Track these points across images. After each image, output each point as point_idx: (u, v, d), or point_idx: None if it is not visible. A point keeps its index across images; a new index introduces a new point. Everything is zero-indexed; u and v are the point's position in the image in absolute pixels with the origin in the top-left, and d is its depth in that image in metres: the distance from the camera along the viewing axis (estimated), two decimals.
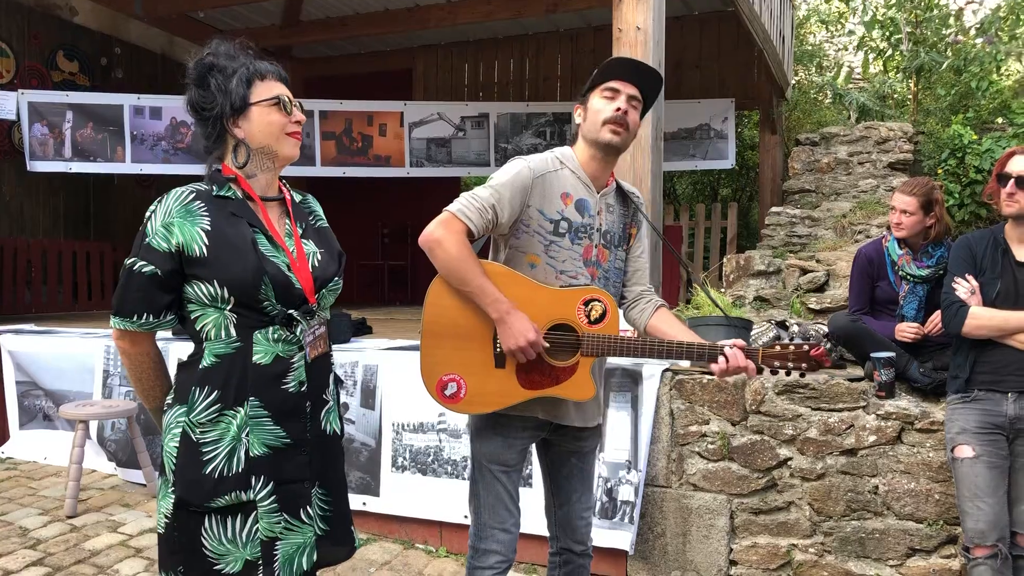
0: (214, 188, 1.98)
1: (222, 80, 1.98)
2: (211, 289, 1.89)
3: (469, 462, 2.59)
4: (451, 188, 11.07)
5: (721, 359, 2.31)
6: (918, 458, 3.57)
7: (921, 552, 3.57)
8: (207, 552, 1.90)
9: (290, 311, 1.96)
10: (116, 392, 5.24)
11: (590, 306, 2.40)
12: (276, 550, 1.94)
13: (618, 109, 2.43)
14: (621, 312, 2.57)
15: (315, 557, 2.03)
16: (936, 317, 3.64)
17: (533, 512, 2.77)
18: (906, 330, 3.76)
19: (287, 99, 2.03)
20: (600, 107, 2.45)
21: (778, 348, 2.34)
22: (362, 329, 5.74)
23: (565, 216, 2.45)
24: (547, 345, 2.36)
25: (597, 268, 2.52)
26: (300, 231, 2.08)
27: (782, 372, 2.34)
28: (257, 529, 1.92)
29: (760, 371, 2.35)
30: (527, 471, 3.87)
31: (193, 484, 1.89)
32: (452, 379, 2.38)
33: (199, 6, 8.57)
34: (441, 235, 2.32)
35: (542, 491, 2.77)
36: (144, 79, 9.65)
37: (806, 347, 2.32)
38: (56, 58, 8.82)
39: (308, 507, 2.00)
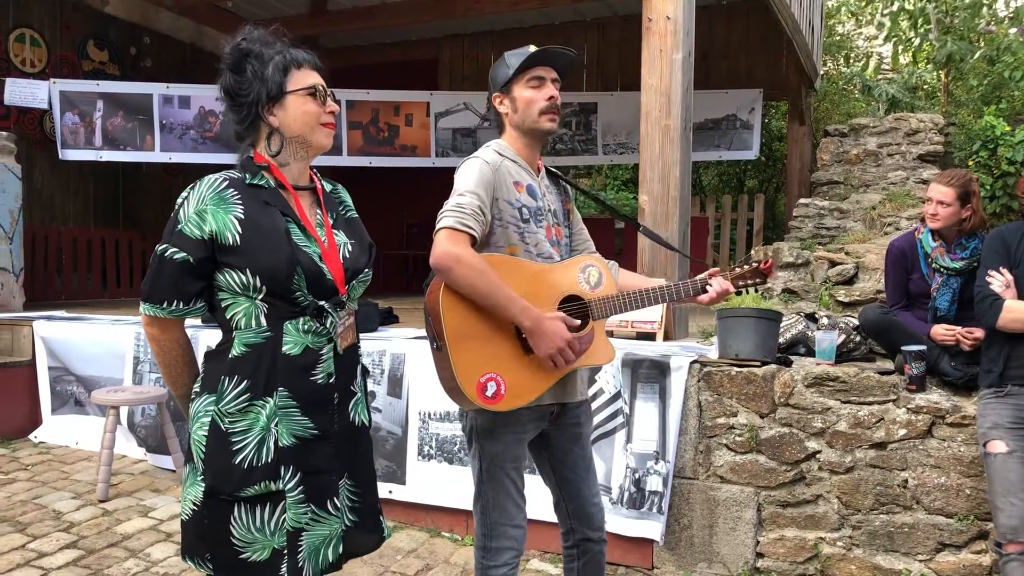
0: (247, 176, 1.97)
1: (258, 66, 1.97)
2: (243, 278, 1.89)
3: (475, 462, 2.53)
4: None
5: (709, 288, 2.54)
6: (949, 452, 3.54)
7: (951, 547, 3.54)
8: (235, 540, 1.90)
9: (321, 303, 1.95)
10: (146, 379, 5.30)
11: (587, 272, 2.52)
12: (301, 541, 1.94)
13: (551, 97, 2.50)
14: None
15: (340, 549, 2.03)
16: (977, 331, 3.58)
17: (550, 500, 2.77)
18: (944, 335, 3.70)
19: (322, 88, 2.02)
20: (532, 96, 2.49)
21: (738, 271, 2.63)
22: (389, 318, 5.77)
23: (523, 203, 2.49)
24: (578, 334, 2.39)
25: (559, 246, 2.58)
26: (331, 221, 2.07)
27: (745, 287, 2.66)
28: (284, 519, 1.92)
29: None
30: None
31: (223, 473, 1.89)
32: (490, 378, 2.31)
33: None
34: (459, 252, 2.25)
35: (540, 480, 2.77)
36: (173, 68, 9.74)
37: (755, 264, 2.64)
38: (87, 47, 8.91)
39: (335, 498, 2.00)
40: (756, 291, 3.90)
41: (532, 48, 2.51)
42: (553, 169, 2.74)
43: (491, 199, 2.40)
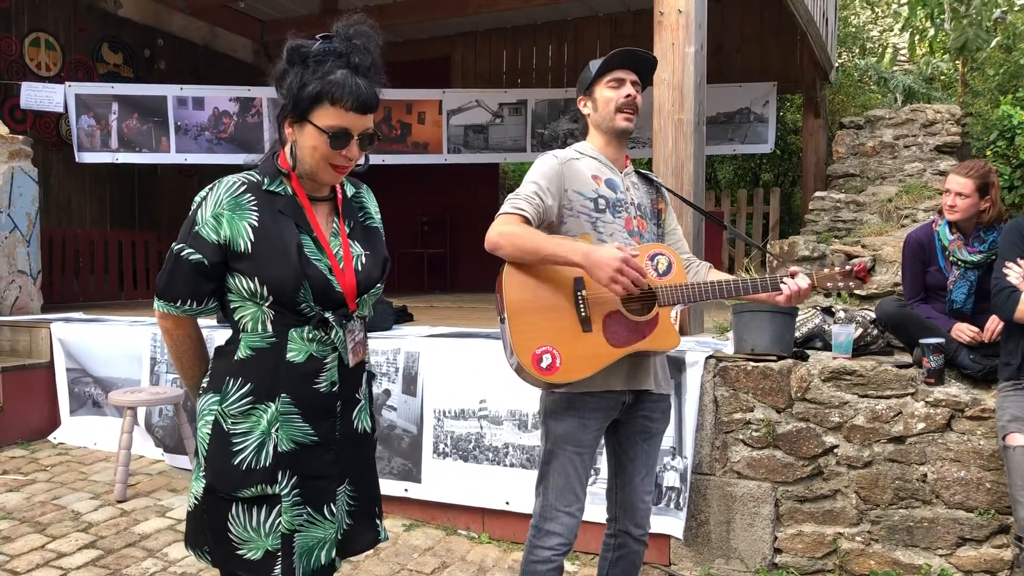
0: (265, 181, 1.95)
1: (300, 78, 1.88)
2: (251, 285, 1.89)
3: (542, 442, 2.62)
4: (489, 176, 11.10)
5: (784, 287, 2.47)
6: (968, 446, 3.51)
7: (971, 541, 3.50)
8: (232, 537, 1.93)
9: (326, 314, 1.94)
10: (163, 379, 5.33)
11: (656, 260, 2.54)
12: (294, 543, 1.95)
13: (628, 95, 2.59)
14: None
15: (334, 553, 2.04)
16: (996, 323, 3.54)
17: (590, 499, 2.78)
18: (964, 332, 3.67)
19: (344, 134, 1.89)
20: (610, 96, 2.60)
21: (827, 271, 2.53)
22: (403, 316, 5.78)
23: (600, 194, 2.57)
24: (643, 318, 2.45)
25: (640, 238, 2.62)
26: (348, 230, 2.05)
27: (834, 291, 2.54)
28: (280, 522, 1.93)
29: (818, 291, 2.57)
30: None
31: (222, 473, 1.91)
32: (545, 350, 2.39)
33: None
34: (503, 228, 2.40)
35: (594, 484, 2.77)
36: (186, 70, 9.78)
37: (848, 267, 2.51)
38: (101, 50, 8.97)
39: (332, 504, 2.01)
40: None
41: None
42: (645, 172, 2.80)
43: (559, 189, 2.52)
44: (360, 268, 2.03)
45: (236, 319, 1.96)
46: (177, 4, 8.64)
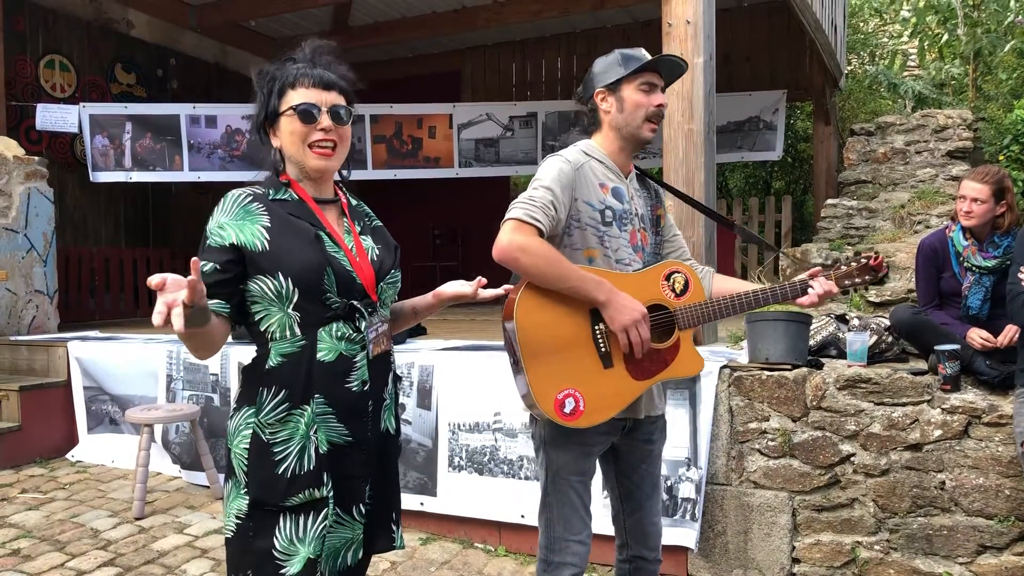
0: (270, 192, 1.99)
1: (266, 88, 2.00)
2: (275, 283, 1.89)
3: (542, 472, 2.48)
4: (500, 188, 11.12)
5: (810, 291, 2.41)
6: (986, 452, 3.48)
7: (992, 549, 3.48)
8: (276, 553, 1.91)
9: (352, 302, 1.96)
10: (179, 396, 5.35)
11: (672, 279, 2.41)
12: (323, 544, 1.95)
13: (660, 104, 2.43)
14: None
15: (360, 555, 2.03)
16: (1011, 330, 3.51)
17: (606, 512, 2.73)
18: (977, 339, 3.64)
19: (309, 107, 1.96)
20: (641, 100, 2.42)
21: (844, 268, 2.48)
22: (417, 330, 5.78)
23: (608, 205, 2.41)
24: (663, 345, 2.35)
25: (643, 252, 2.49)
26: (358, 229, 2.09)
27: (853, 288, 2.50)
28: (325, 526, 1.93)
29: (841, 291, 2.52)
30: None
31: (266, 484, 1.90)
32: (568, 394, 2.25)
33: (251, 15, 8.73)
34: (521, 240, 2.21)
35: (600, 496, 2.71)
36: (199, 88, 9.86)
37: (863, 260, 2.47)
38: (115, 71, 9.06)
39: (360, 504, 2.01)
40: None
41: (644, 51, 2.45)
42: (644, 172, 2.65)
43: (569, 199, 2.34)
44: (375, 259, 2.07)
45: (263, 329, 1.95)
46: (188, 23, 8.72)
